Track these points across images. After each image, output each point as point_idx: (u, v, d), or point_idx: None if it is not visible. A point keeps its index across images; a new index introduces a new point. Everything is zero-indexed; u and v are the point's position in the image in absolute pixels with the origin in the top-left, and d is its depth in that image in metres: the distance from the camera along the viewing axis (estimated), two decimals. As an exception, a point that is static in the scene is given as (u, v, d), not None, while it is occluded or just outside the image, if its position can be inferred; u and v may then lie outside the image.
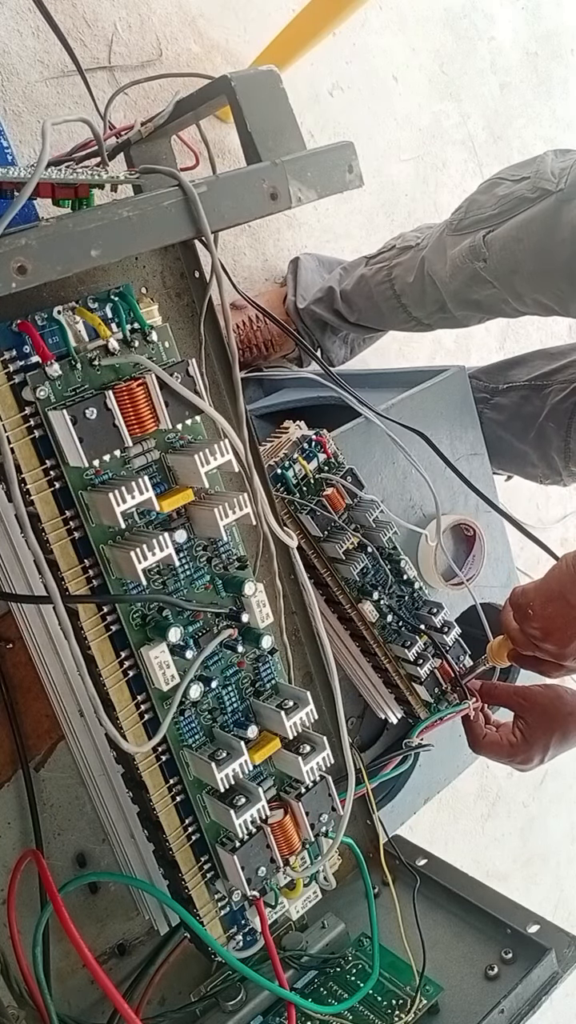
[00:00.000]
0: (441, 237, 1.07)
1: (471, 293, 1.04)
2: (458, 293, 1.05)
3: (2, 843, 0.65)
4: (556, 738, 0.78)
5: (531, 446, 1.14)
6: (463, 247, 1.02)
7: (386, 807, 0.96)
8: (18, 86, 1.05)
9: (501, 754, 0.80)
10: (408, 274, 1.11)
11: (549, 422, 1.11)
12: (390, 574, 0.79)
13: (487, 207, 1.02)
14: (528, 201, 0.96)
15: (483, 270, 1.00)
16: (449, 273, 1.04)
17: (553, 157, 0.98)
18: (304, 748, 0.58)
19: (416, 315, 1.14)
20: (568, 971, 0.67)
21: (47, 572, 0.50)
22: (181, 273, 0.59)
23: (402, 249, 1.14)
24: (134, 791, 0.59)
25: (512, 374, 1.18)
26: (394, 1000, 0.65)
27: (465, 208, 1.05)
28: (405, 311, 1.14)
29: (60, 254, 0.42)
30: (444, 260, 1.05)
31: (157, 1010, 0.68)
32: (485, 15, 1.61)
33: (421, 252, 1.10)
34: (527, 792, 1.88)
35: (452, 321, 1.12)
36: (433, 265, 1.07)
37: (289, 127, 0.52)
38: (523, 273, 0.97)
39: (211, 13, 1.22)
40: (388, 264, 1.14)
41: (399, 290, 1.13)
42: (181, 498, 0.52)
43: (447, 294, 1.07)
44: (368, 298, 1.17)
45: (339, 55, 1.40)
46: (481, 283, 1.02)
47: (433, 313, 1.11)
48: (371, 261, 1.18)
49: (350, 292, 1.19)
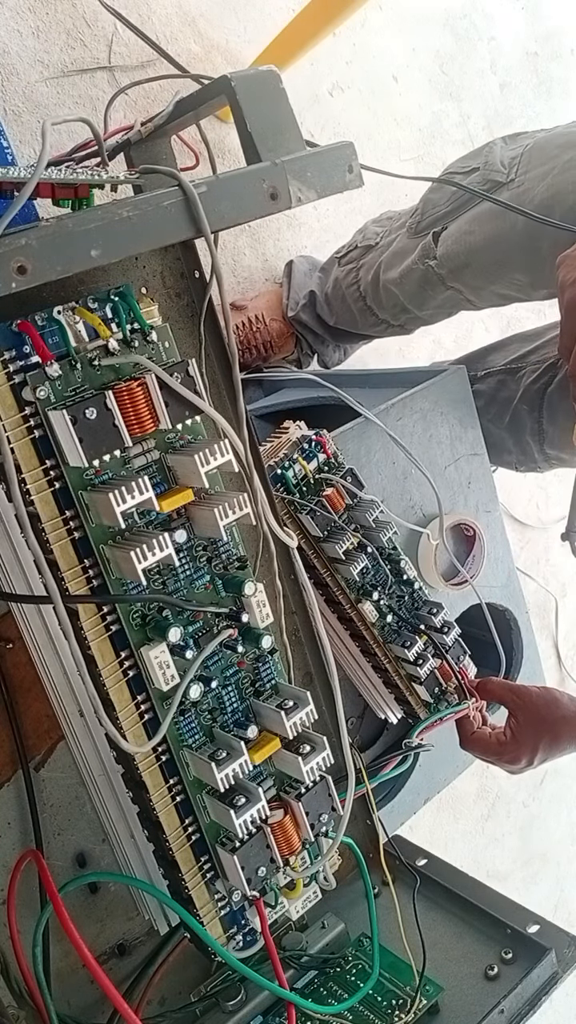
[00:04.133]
0: (400, 240, 1.06)
1: (426, 295, 1.03)
2: (414, 295, 1.05)
3: (2, 843, 0.65)
4: (546, 741, 0.77)
5: (507, 431, 1.11)
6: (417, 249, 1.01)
7: (386, 807, 0.96)
8: (18, 86, 1.05)
9: (489, 751, 0.79)
10: (368, 274, 1.10)
11: (523, 404, 1.08)
12: (390, 574, 0.79)
13: (440, 204, 1.00)
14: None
15: (435, 267, 0.99)
16: (400, 276, 1.03)
17: (502, 145, 0.96)
18: (304, 748, 0.58)
19: (383, 317, 1.13)
20: (568, 971, 0.67)
21: (47, 572, 0.50)
22: (181, 273, 0.59)
23: (365, 248, 1.13)
24: (134, 791, 0.59)
25: (490, 359, 1.16)
26: (394, 1000, 0.65)
27: (421, 209, 1.03)
28: (372, 313, 1.13)
29: (60, 254, 0.42)
30: (399, 265, 1.04)
31: (157, 1010, 0.68)
32: (485, 15, 1.61)
33: (381, 255, 1.09)
34: (527, 792, 1.88)
35: (419, 321, 1.12)
36: (387, 271, 1.06)
37: (289, 127, 0.52)
38: (475, 266, 0.95)
39: (211, 13, 1.22)
40: (356, 266, 1.14)
41: (364, 291, 1.12)
42: (181, 498, 0.52)
43: (404, 297, 1.06)
44: (342, 301, 1.17)
45: (339, 55, 1.40)
46: (434, 285, 1.01)
47: (398, 315, 1.11)
48: (341, 261, 1.17)
49: (330, 295, 1.19)
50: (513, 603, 1.05)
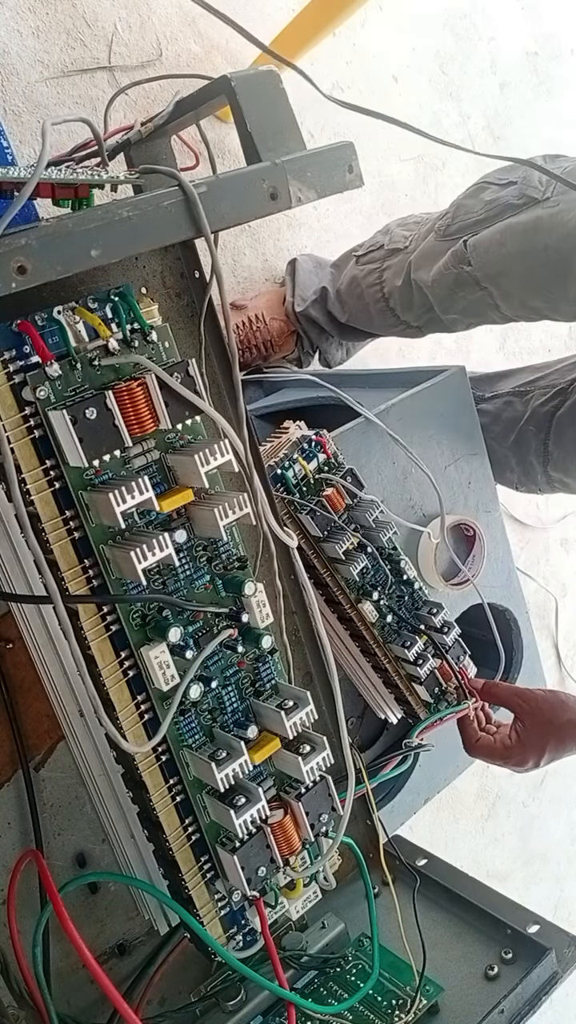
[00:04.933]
0: (429, 242, 1.06)
1: (457, 296, 1.04)
2: (445, 298, 1.05)
3: (2, 843, 0.65)
4: (552, 743, 0.78)
5: (511, 450, 1.14)
6: (448, 253, 1.01)
7: (386, 807, 0.96)
8: (18, 86, 1.05)
9: (495, 756, 0.80)
10: (396, 278, 1.11)
11: (529, 426, 1.11)
12: (390, 574, 0.79)
13: (474, 212, 1.01)
14: (513, 208, 0.96)
15: (469, 272, 1.00)
16: (433, 278, 1.04)
17: (542, 163, 0.97)
18: (304, 748, 0.58)
19: (404, 319, 1.13)
20: (568, 971, 0.67)
21: (47, 572, 0.50)
22: (181, 273, 0.59)
23: (391, 251, 1.13)
24: (134, 791, 0.59)
25: (498, 385, 1.19)
26: (394, 1000, 0.65)
27: (452, 213, 1.04)
28: (393, 314, 1.14)
29: (60, 254, 0.42)
30: (430, 266, 1.04)
31: (157, 1010, 0.68)
32: (485, 15, 1.61)
33: (409, 256, 1.09)
34: (527, 792, 1.88)
35: (440, 325, 1.12)
36: (419, 271, 1.07)
37: (289, 127, 0.52)
38: (511, 275, 0.96)
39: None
40: (379, 267, 1.14)
41: (388, 293, 1.12)
42: (181, 498, 0.52)
43: (434, 298, 1.07)
44: (359, 299, 1.17)
45: (339, 55, 1.40)
46: (467, 286, 1.01)
47: (421, 316, 1.11)
48: (361, 260, 1.17)
49: (343, 292, 1.19)
50: (513, 603, 1.05)
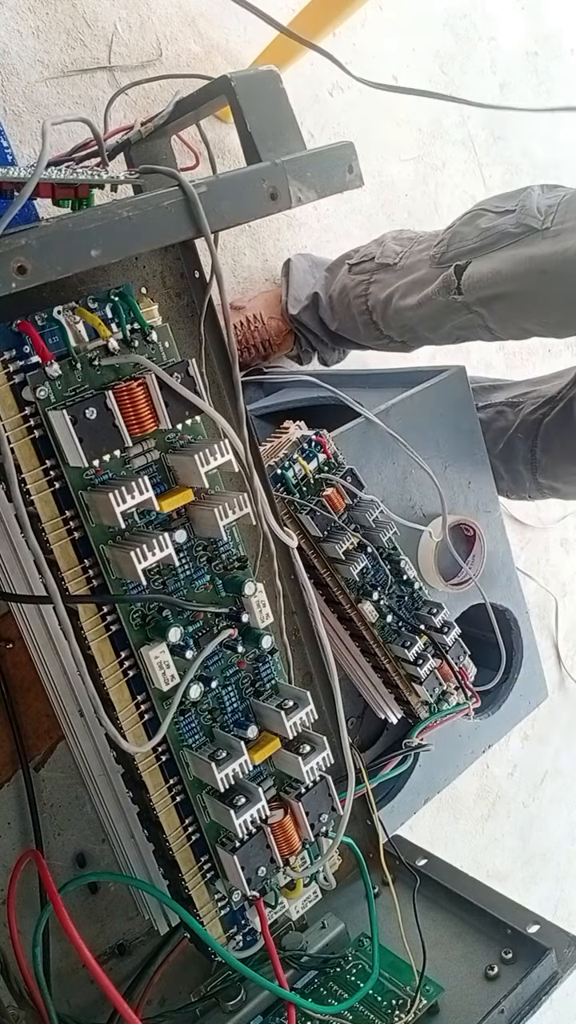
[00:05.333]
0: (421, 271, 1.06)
1: (443, 321, 1.03)
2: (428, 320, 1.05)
3: (2, 843, 0.65)
4: None
5: (499, 459, 1.14)
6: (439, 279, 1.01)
7: (386, 807, 0.96)
8: (18, 86, 1.05)
9: None
10: (381, 292, 1.10)
11: (518, 434, 1.11)
12: (390, 574, 0.79)
13: (468, 239, 1.00)
14: (511, 236, 0.95)
15: (460, 301, 0.99)
16: (419, 302, 1.04)
17: (540, 192, 0.96)
18: (304, 748, 0.58)
19: (387, 334, 1.13)
20: (568, 971, 0.67)
21: (47, 572, 0.50)
22: (181, 273, 0.59)
23: (381, 265, 1.13)
24: (134, 791, 0.59)
25: (493, 395, 1.20)
26: (394, 1000, 0.65)
27: (448, 240, 1.04)
28: (376, 328, 1.13)
29: (60, 254, 0.42)
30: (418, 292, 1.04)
31: (157, 1010, 0.68)
32: (485, 15, 1.61)
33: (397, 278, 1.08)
34: (527, 792, 1.88)
35: (424, 341, 1.12)
36: (405, 298, 1.06)
37: (289, 127, 0.52)
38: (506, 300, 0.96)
39: (211, 13, 1.22)
40: (367, 279, 1.13)
41: (371, 306, 1.12)
42: (181, 498, 0.52)
43: (416, 320, 1.06)
44: (347, 309, 1.17)
45: (339, 55, 1.39)
46: (456, 312, 1.01)
47: (404, 334, 1.11)
48: (353, 268, 1.17)
49: (335, 300, 1.19)
50: (513, 603, 1.05)
